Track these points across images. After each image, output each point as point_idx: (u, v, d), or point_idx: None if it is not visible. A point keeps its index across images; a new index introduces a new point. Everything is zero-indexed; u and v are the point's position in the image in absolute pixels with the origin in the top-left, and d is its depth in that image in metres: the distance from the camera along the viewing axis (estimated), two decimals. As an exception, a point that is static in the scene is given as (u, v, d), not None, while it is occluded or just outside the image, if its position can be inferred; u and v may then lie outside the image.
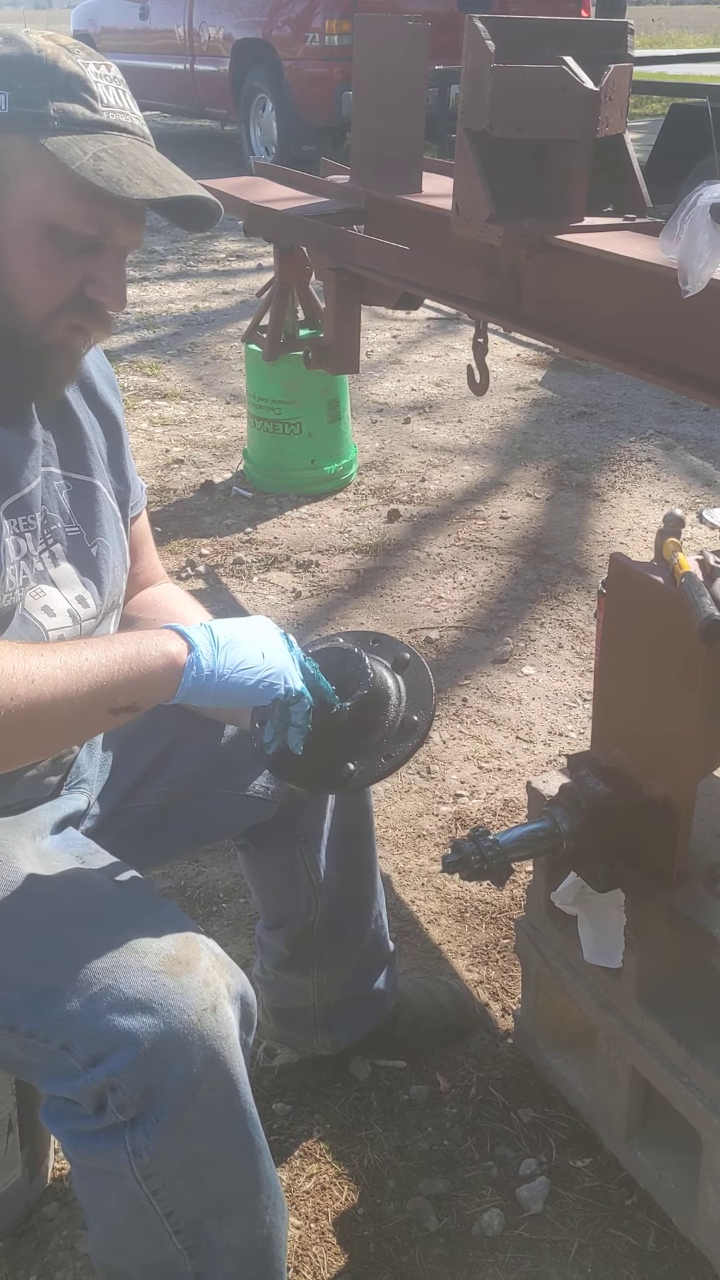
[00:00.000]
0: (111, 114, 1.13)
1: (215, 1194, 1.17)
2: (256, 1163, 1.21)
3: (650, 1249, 1.51)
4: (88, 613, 1.29)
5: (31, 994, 1.11)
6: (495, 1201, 1.57)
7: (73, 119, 1.10)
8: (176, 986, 1.10)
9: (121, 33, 10.75)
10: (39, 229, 1.12)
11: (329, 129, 8.50)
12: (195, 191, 1.15)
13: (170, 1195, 1.14)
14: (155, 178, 1.12)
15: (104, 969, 1.10)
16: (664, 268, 1.56)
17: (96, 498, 1.32)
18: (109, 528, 1.33)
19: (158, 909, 1.20)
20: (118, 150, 1.11)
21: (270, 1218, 1.24)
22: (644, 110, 11.64)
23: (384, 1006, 1.74)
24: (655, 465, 4.04)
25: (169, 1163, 1.12)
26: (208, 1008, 1.11)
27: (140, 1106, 1.09)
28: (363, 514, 3.69)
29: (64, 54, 1.12)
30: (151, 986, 1.09)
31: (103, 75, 1.14)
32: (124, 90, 1.16)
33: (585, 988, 1.58)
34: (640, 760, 1.41)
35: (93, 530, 1.31)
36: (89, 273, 1.15)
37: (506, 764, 2.48)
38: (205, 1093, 1.11)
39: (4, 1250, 1.51)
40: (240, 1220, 1.21)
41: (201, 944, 1.17)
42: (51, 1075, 1.11)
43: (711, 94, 5.35)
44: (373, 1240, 1.53)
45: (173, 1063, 1.08)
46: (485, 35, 1.76)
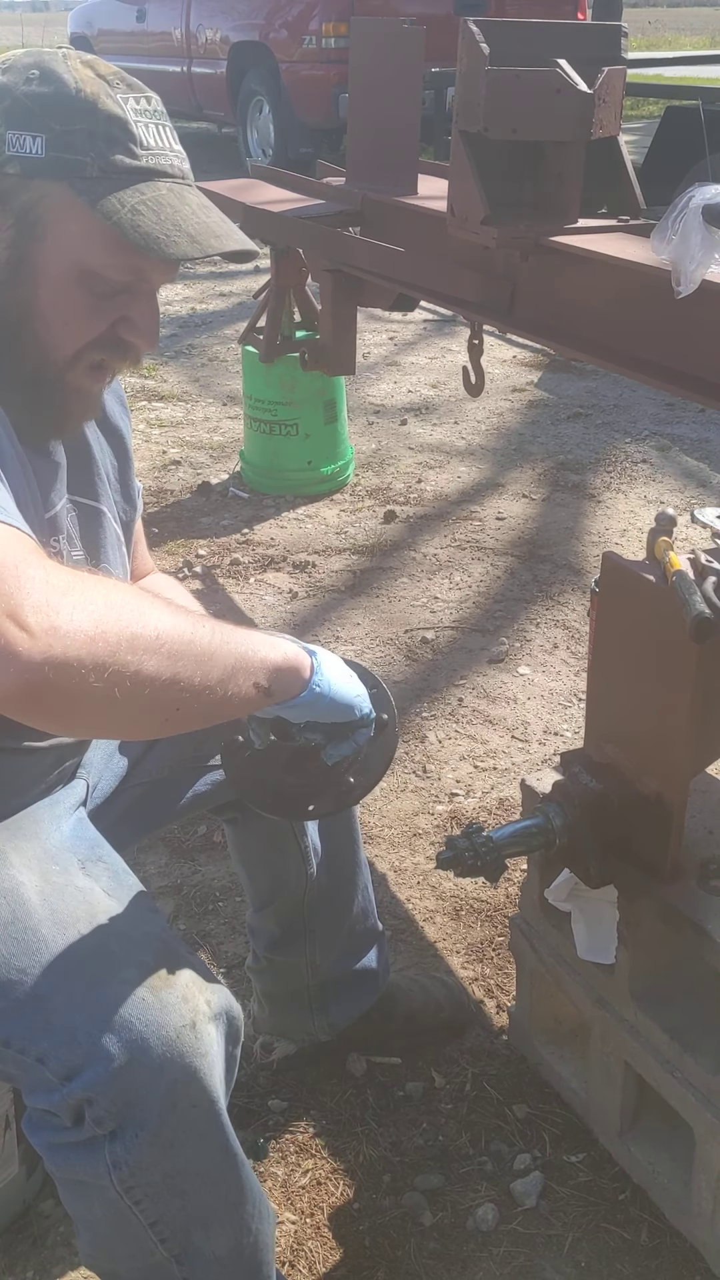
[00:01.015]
0: (151, 158, 1.11)
1: (199, 1206, 1.17)
2: (238, 1174, 1.20)
3: (643, 1243, 1.52)
4: None
5: (11, 1002, 1.10)
6: (490, 1196, 1.58)
7: (111, 167, 1.08)
8: (155, 1002, 1.09)
9: (119, 35, 10.76)
10: (74, 275, 1.11)
11: (325, 131, 8.52)
12: (232, 246, 1.13)
13: (153, 1206, 1.14)
14: (194, 233, 1.10)
15: (84, 980, 1.10)
16: (658, 269, 1.57)
17: (102, 523, 1.33)
18: (112, 553, 1.34)
19: (143, 922, 1.19)
20: (156, 202, 1.09)
21: (256, 1225, 1.24)
22: (640, 112, 11.67)
23: (377, 986, 1.75)
24: (650, 466, 4.05)
25: (150, 1176, 1.11)
26: (186, 1024, 1.10)
27: (118, 1120, 1.08)
28: (359, 515, 3.70)
29: (103, 91, 1.09)
30: (130, 1001, 1.08)
31: (143, 112, 1.11)
32: (164, 125, 1.13)
33: (579, 984, 1.59)
34: (633, 757, 1.42)
35: (97, 555, 1.32)
36: (122, 314, 1.15)
37: (502, 763, 2.49)
38: (185, 1108, 1.10)
39: (1, 1247, 1.52)
40: (226, 1230, 1.21)
41: (183, 959, 1.16)
42: (30, 1086, 1.11)
43: (706, 96, 5.36)
44: (368, 1235, 1.54)
45: (150, 1078, 1.07)
46: (480, 38, 1.77)
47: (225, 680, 1.05)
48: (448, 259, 2.11)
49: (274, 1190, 1.59)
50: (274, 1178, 1.61)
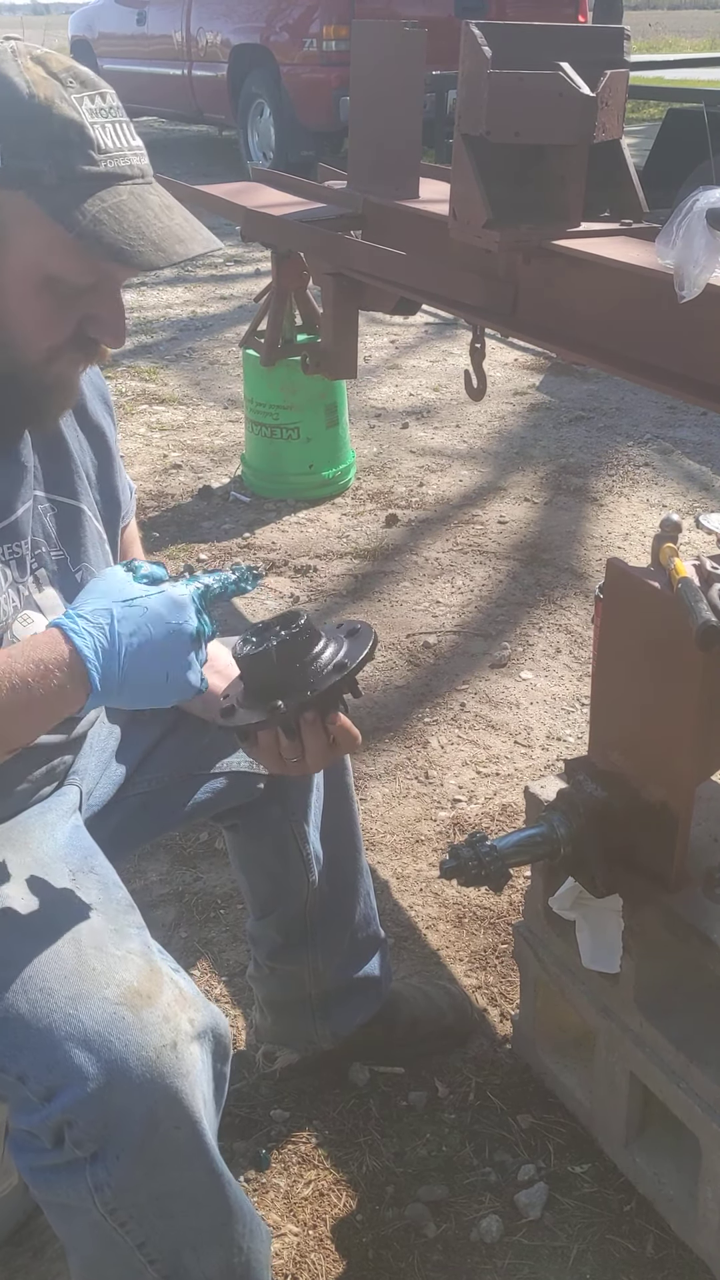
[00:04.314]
0: (109, 161, 1.08)
1: (187, 1227, 1.15)
2: (225, 1194, 1.18)
3: (649, 1255, 1.50)
4: None
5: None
6: (494, 1207, 1.57)
7: (70, 174, 1.06)
8: (135, 1021, 1.07)
9: (119, 38, 10.77)
10: (37, 281, 1.10)
11: (326, 134, 8.52)
12: (196, 249, 1.12)
13: (139, 1228, 1.12)
14: (157, 240, 1.09)
15: (63, 999, 1.08)
16: (660, 273, 1.56)
17: (82, 521, 1.32)
18: (94, 552, 1.33)
19: (128, 938, 1.17)
20: (118, 209, 1.08)
21: (247, 1244, 1.22)
22: (641, 115, 11.67)
23: (380, 993, 1.74)
24: (653, 470, 4.04)
25: (133, 1198, 1.09)
26: (167, 1044, 1.08)
27: (98, 1143, 1.06)
28: (360, 519, 3.69)
29: (58, 94, 1.05)
30: (110, 1019, 1.07)
31: (99, 111, 1.08)
32: (120, 123, 1.10)
33: (584, 993, 1.58)
34: (638, 765, 1.41)
35: (78, 555, 1.31)
36: (88, 313, 1.14)
37: (504, 769, 2.48)
38: (168, 1130, 1.08)
39: (1, 1257, 1.51)
40: (216, 1251, 1.19)
41: (166, 977, 1.14)
42: (13, 1106, 1.09)
43: (708, 99, 5.35)
44: (371, 1247, 1.52)
45: (130, 1101, 1.05)
46: (482, 41, 1.76)
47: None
48: (449, 262, 2.10)
49: (276, 1201, 1.58)
50: (276, 1189, 1.60)
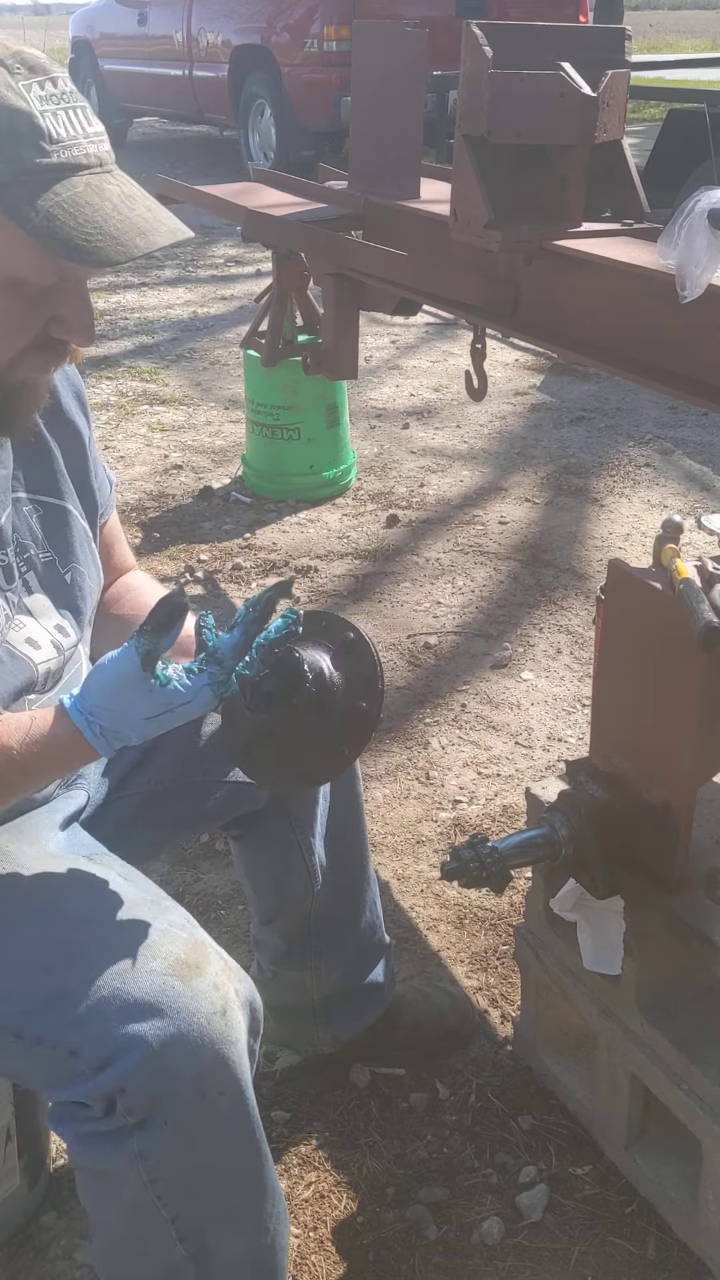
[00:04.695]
0: (63, 151, 1.03)
1: (220, 1201, 1.17)
2: (261, 1169, 1.21)
3: (650, 1257, 1.50)
4: (69, 642, 1.29)
5: (38, 1000, 1.10)
6: (495, 1209, 1.56)
7: (21, 169, 1.01)
8: (186, 990, 1.10)
9: (120, 39, 10.77)
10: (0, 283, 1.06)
11: (327, 134, 8.51)
12: (159, 241, 1.06)
13: (176, 1200, 1.14)
14: (116, 234, 1.03)
15: (112, 973, 1.10)
16: (662, 273, 1.56)
17: (69, 521, 1.31)
18: (81, 551, 1.32)
19: (166, 912, 1.19)
20: (73, 203, 1.03)
21: (273, 1226, 1.24)
22: (642, 115, 11.66)
23: (383, 999, 1.73)
24: (654, 470, 4.04)
25: (176, 1167, 1.12)
26: (217, 1011, 1.11)
27: (148, 1109, 1.08)
28: (361, 519, 3.69)
29: (3, 82, 1.01)
30: (160, 989, 1.09)
31: (50, 98, 1.02)
32: (74, 109, 1.05)
33: (585, 994, 1.58)
34: (639, 766, 1.41)
35: (66, 555, 1.30)
36: (53, 314, 1.10)
37: (505, 769, 2.48)
38: (214, 1097, 1.11)
39: (2, 1259, 1.51)
40: (244, 1229, 1.21)
41: (210, 948, 1.17)
42: (59, 1081, 1.11)
43: (709, 99, 5.35)
44: (372, 1249, 1.52)
45: (182, 1066, 1.08)
46: (483, 41, 1.76)
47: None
48: (450, 263, 2.09)
49: (277, 1203, 1.58)
50: (277, 1190, 1.60)
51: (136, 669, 1.06)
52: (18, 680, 1.21)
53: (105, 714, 1.08)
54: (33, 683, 1.23)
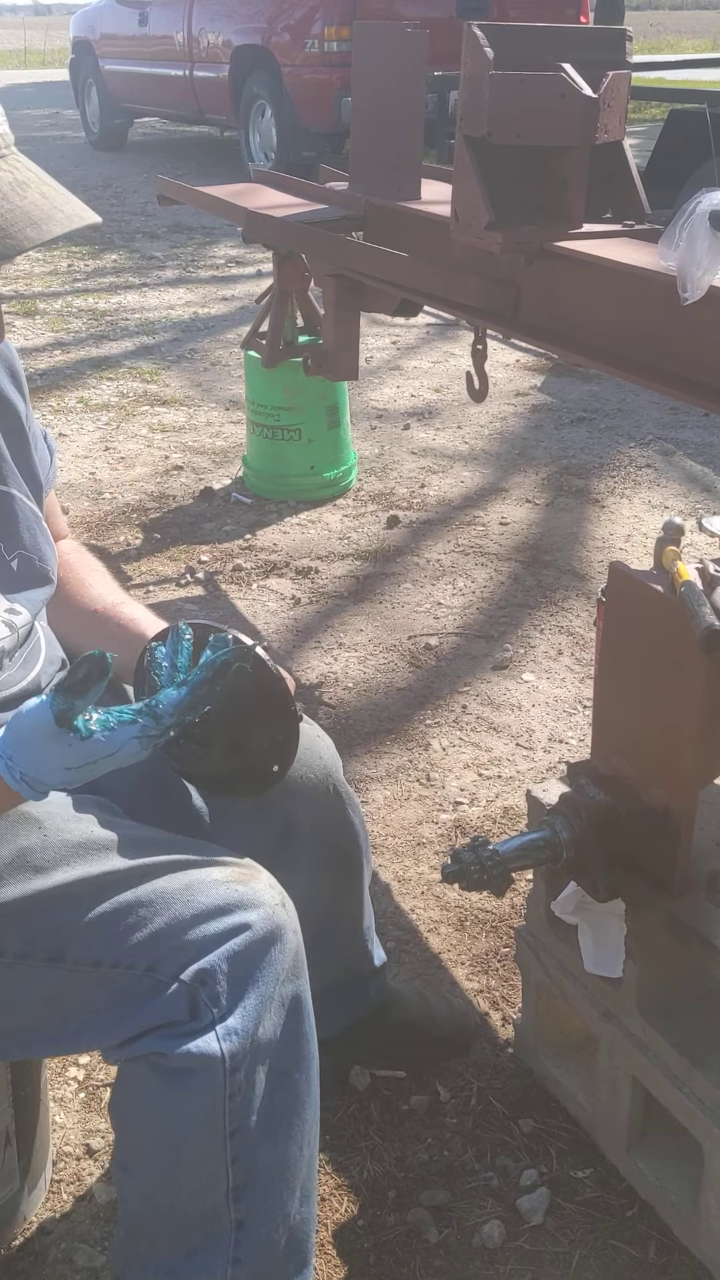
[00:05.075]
0: None
1: (277, 1105, 1.20)
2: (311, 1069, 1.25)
3: (651, 1260, 1.50)
4: (22, 620, 1.29)
5: (110, 928, 1.16)
6: (496, 1213, 1.56)
7: None
8: (249, 890, 1.19)
9: (121, 39, 10.77)
10: None
11: (328, 135, 8.51)
12: (53, 231, 0.99)
13: (243, 1103, 1.16)
14: (3, 225, 0.96)
15: (178, 891, 1.17)
16: (662, 274, 1.56)
17: (12, 506, 1.30)
18: (28, 536, 1.31)
19: (205, 844, 1.27)
20: None
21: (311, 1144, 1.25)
22: (642, 116, 11.65)
23: (365, 1001, 1.71)
24: (655, 471, 4.04)
25: (253, 1055, 1.16)
26: (278, 903, 1.20)
27: (232, 995, 1.14)
28: (362, 520, 3.69)
29: None
30: (226, 894, 1.17)
31: None
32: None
33: (586, 997, 1.57)
34: (640, 768, 1.41)
35: (11, 541, 1.29)
36: None
37: (506, 771, 2.47)
38: (286, 979, 1.19)
39: (3, 1264, 1.50)
40: (290, 1143, 1.22)
41: (255, 864, 1.25)
42: (139, 999, 1.14)
43: (710, 99, 5.35)
44: (373, 1252, 1.52)
45: (258, 951, 1.16)
46: (484, 42, 1.75)
47: None
48: (451, 264, 2.09)
49: (277, 1206, 1.58)
50: (277, 1193, 1.59)
51: (50, 724, 1.04)
52: None
53: (24, 760, 1.07)
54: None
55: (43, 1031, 1.21)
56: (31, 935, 1.17)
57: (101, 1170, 1.62)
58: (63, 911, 1.17)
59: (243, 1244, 1.20)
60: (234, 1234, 1.19)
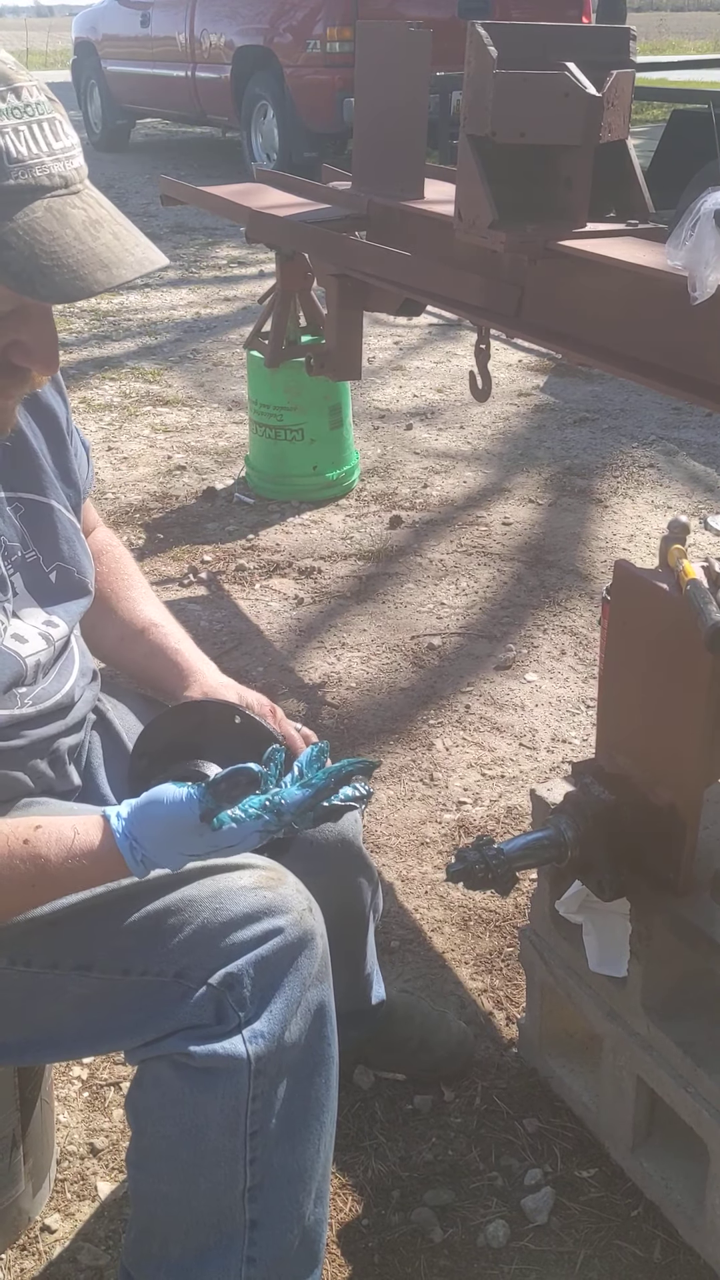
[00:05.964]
0: (22, 172, 0.94)
1: (295, 1107, 1.20)
2: (330, 1072, 1.25)
3: (656, 1260, 1.50)
4: (59, 633, 1.28)
5: (141, 937, 1.16)
6: (500, 1212, 1.56)
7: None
8: (277, 896, 1.19)
9: (123, 40, 10.78)
10: None
11: (330, 135, 8.52)
12: (124, 275, 0.97)
13: (264, 1107, 1.17)
14: (76, 266, 0.95)
15: (207, 898, 1.17)
16: (667, 273, 1.56)
17: (53, 518, 1.29)
18: (67, 548, 1.31)
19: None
20: (30, 229, 0.94)
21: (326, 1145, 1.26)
22: (645, 116, 11.66)
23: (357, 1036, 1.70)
24: (658, 471, 4.04)
25: (278, 1058, 1.16)
26: (305, 908, 1.21)
27: (259, 998, 1.15)
28: (365, 520, 3.69)
29: None
30: (256, 900, 1.18)
31: (12, 112, 0.94)
32: (40, 124, 0.96)
33: (590, 997, 1.57)
34: (646, 768, 1.41)
35: (51, 553, 1.29)
36: (13, 339, 1.02)
37: (510, 771, 2.47)
38: (312, 983, 1.19)
39: (7, 1263, 1.50)
40: (306, 1147, 1.22)
41: (281, 867, 1.24)
42: (166, 1006, 1.15)
43: (713, 99, 5.35)
44: (377, 1252, 1.52)
45: (285, 956, 1.17)
46: (487, 41, 1.75)
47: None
48: (454, 263, 2.09)
49: (282, 1206, 1.58)
50: (282, 1193, 1.59)
51: (193, 820, 1.08)
52: (4, 676, 1.21)
53: (150, 845, 1.09)
54: (21, 676, 1.23)
55: (67, 1036, 1.21)
56: (61, 946, 1.17)
57: (106, 1170, 1.62)
58: (91, 922, 1.17)
59: (257, 1244, 1.20)
60: (248, 1234, 1.19)
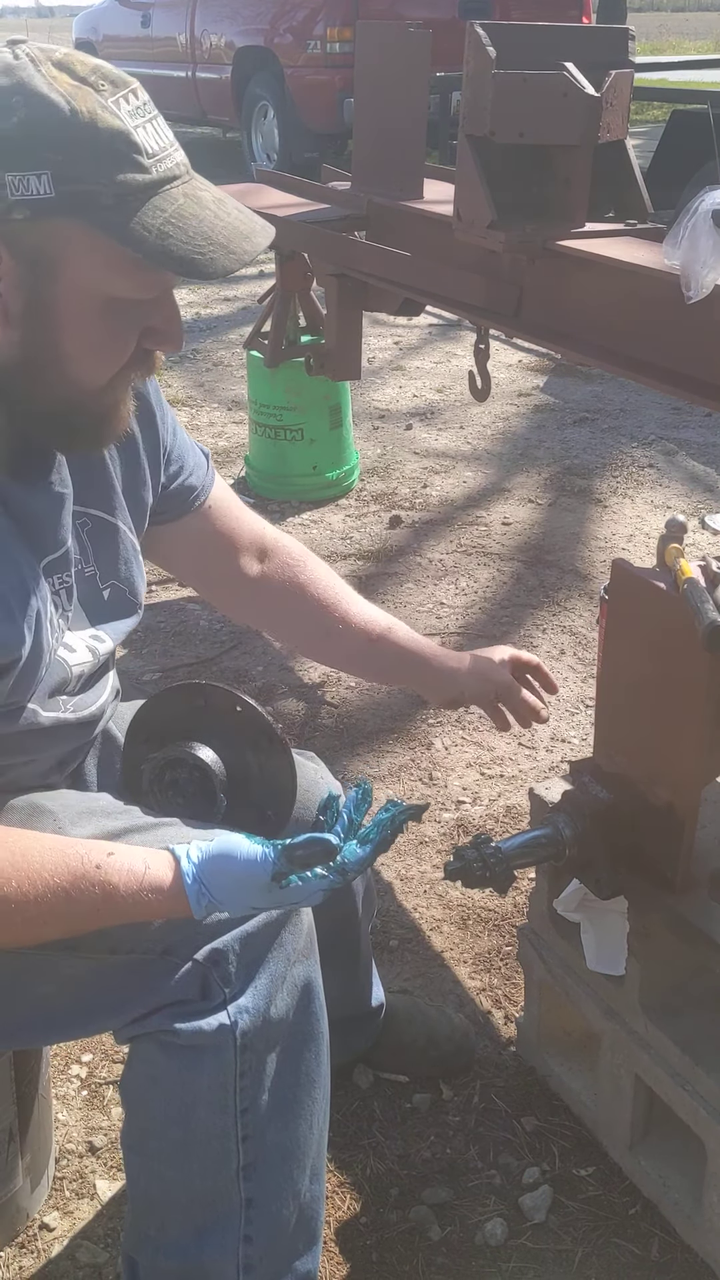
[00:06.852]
0: (159, 165, 1.01)
1: (286, 1085, 1.22)
2: (322, 1047, 1.26)
3: (654, 1258, 1.50)
4: (105, 648, 1.29)
5: None
6: (498, 1210, 1.56)
7: (124, 189, 0.99)
8: None
9: (124, 40, 10.78)
10: (98, 307, 1.03)
11: (330, 136, 8.52)
12: (261, 242, 1.05)
13: (253, 1083, 1.17)
14: (225, 241, 1.02)
15: None
16: (665, 273, 1.56)
17: (117, 538, 1.29)
18: (124, 568, 1.31)
19: (217, 830, 1.24)
20: (179, 215, 1.01)
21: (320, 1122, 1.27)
22: (645, 116, 11.66)
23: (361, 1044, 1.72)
24: (657, 471, 4.04)
25: (264, 1034, 1.17)
26: None
27: (244, 974, 1.16)
28: (364, 520, 3.69)
29: (96, 103, 0.98)
30: None
31: (136, 111, 1.01)
32: (156, 120, 1.03)
33: (588, 995, 1.57)
34: (643, 767, 1.41)
35: (108, 570, 1.29)
36: (146, 326, 1.08)
37: (509, 770, 2.48)
38: (298, 959, 1.21)
39: (6, 1261, 1.51)
40: (298, 1120, 1.23)
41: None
42: (152, 981, 1.16)
43: (712, 100, 5.35)
44: (375, 1250, 1.52)
45: (271, 932, 1.18)
46: (486, 42, 1.76)
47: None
48: (454, 263, 2.10)
49: (280, 1204, 1.58)
50: (280, 1191, 1.59)
51: (265, 880, 1.09)
52: (53, 681, 1.21)
53: (219, 893, 1.10)
54: (66, 683, 1.23)
55: (56, 1017, 1.21)
56: None
57: (104, 1168, 1.62)
58: None
59: (253, 1222, 1.21)
60: (244, 1212, 1.20)
